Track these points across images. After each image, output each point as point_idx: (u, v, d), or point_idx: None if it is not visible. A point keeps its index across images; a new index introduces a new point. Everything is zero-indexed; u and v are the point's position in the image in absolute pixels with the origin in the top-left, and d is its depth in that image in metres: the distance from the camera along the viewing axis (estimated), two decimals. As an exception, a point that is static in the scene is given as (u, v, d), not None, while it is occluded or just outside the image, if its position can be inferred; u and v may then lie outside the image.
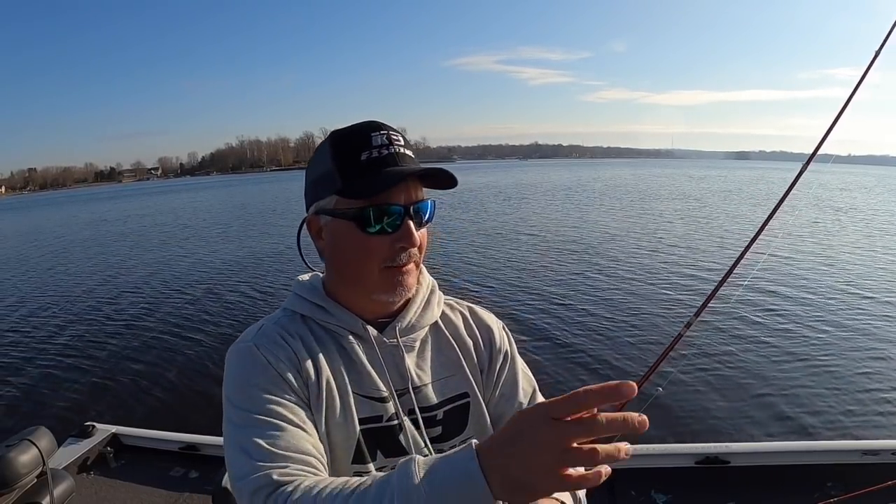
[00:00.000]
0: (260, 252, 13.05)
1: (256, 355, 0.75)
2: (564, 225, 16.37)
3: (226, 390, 0.75)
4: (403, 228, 0.75)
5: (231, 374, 0.76)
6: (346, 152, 0.76)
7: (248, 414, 0.71)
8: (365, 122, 0.78)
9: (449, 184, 0.79)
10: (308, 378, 0.76)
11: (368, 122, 0.78)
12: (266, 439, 0.68)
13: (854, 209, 21.38)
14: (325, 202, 0.78)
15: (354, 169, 0.75)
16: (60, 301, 8.96)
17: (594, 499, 2.50)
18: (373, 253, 0.76)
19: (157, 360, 5.84)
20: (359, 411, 0.78)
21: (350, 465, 0.77)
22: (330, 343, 0.80)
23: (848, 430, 3.97)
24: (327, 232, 0.79)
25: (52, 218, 32.84)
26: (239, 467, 0.67)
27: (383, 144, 0.76)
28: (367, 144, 0.75)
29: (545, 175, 58.76)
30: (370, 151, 0.75)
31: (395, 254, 0.76)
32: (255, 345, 0.76)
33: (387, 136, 0.76)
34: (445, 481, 0.53)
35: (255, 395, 0.72)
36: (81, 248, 16.01)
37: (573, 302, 7.59)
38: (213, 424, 0.93)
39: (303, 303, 0.84)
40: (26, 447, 2.00)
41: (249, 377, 0.74)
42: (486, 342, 0.91)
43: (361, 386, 0.80)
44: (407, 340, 0.84)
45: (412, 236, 0.76)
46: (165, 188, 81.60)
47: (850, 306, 7.14)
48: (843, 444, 2.65)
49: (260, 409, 0.71)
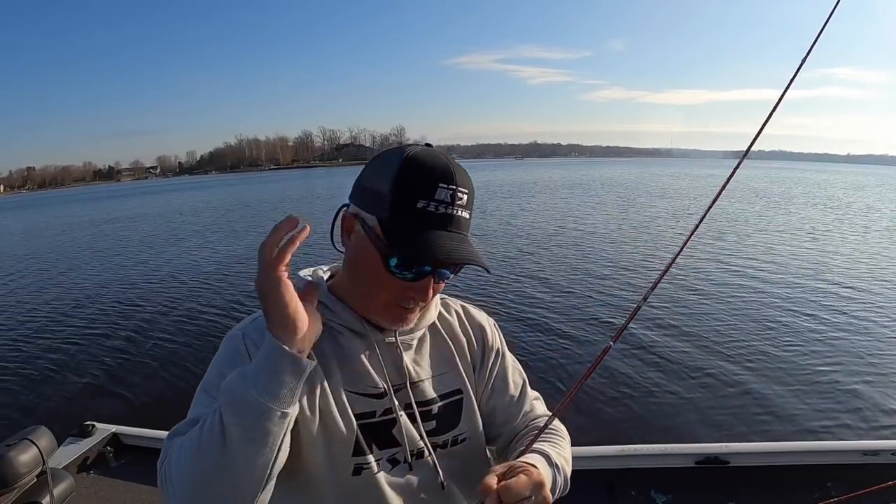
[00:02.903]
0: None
1: (238, 345, 0.77)
2: (551, 222, 16.38)
3: (210, 366, 0.79)
4: (423, 283, 0.77)
5: (216, 355, 0.79)
6: (406, 189, 0.73)
7: (210, 394, 0.73)
8: (441, 167, 0.73)
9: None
10: None
11: (444, 168, 0.73)
12: (198, 408, 0.72)
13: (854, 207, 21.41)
14: (367, 216, 0.76)
15: (406, 210, 0.73)
16: (60, 301, 8.95)
17: (594, 499, 2.50)
18: (386, 289, 0.77)
19: (157, 359, 5.85)
20: (354, 407, 0.80)
21: (350, 457, 0.79)
22: (325, 340, 0.81)
23: (848, 430, 3.98)
24: (356, 238, 0.79)
25: (51, 217, 32.76)
26: (172, 431, 0.73)
27: (445, 202, 0.73)
28: (430, 194, 0.72)
29: (540, 174, 58.76)
30: (428, 203, 0.72)
31: (406, 299, 0.78)
32: (243, 334, 0.78)
33: (451, 195, 0.73)
34: (254, 364, 0.66)
35: (218, 382, 0.74)
36: (81, 248, 15.99)
37: (555, 294, 7.72)
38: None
39: None
40: (26, 446, 2.00)
41: (223, 364, 0.76)
42: (478, 340, 0.95)
43: (357, 383, 0.81)
44: (405, 339, 0.86)
45: (427, 293, 0.78)
46: (164, 187, 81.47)
47: (849, 305, 7.15)
48: (843, 445, 2.66)
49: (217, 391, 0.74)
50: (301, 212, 0.68)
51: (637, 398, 4.43)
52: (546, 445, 0.82)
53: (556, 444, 0.85)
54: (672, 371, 5.00)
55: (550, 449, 0.82)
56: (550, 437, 0.86)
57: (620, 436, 3.65)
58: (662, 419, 4.19)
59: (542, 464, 0.76)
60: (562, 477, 0.80)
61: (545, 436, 0.84)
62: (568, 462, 0.85)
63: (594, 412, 4.17)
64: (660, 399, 4.50)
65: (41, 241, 19.05)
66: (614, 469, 2.44)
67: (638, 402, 4.39)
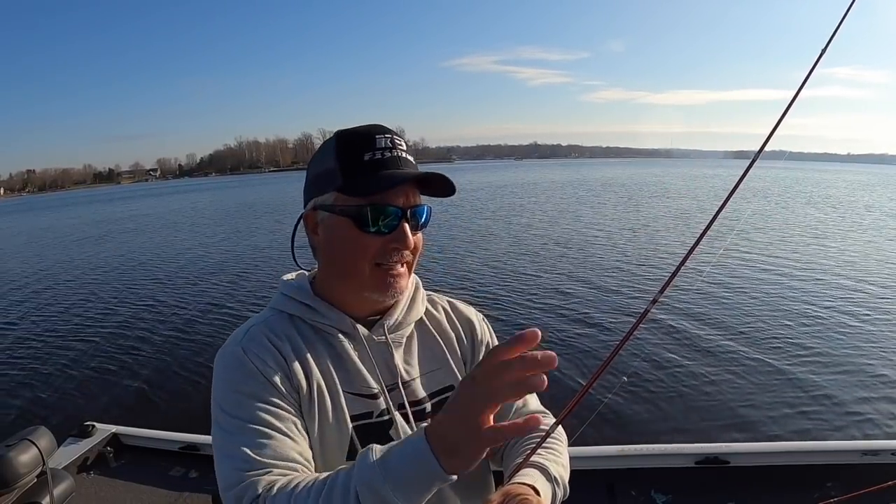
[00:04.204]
0: (259, 251, 13.06)
1: (244, 360, 0.75)
2: (542, 220, 16.38)
3: (215, 394, 0.76)
4: (399, 230, 0.77)
5: (220, 379, 0.76)
6: (349, 151, 0.77)
7: (237, 421, 0.71)
8: (370, 125, 0.80)
9: (447, 192, 0.81)
10: (298, 382, 0.76)
11: (373, 126, 0.79)
12: (253, 448, 0.69)
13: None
14: (325, 198, 0.79)
15: (356, 168, 0.76)
16: (60, 301, 8.96)
17: (594, 499, 2.50)
18: (366, 250, 0.77)
19: (157, 360, 5.84)
20: (350, 409, 0.79)
21: (345, 461, 0.77)
22: (318, 342, 0.81)
23: (848, 431, 3.97)
24: (323, 227, 0.80)
25: (52, 220, 32.77)
26: (226, 477, 0.68)
27: (386, 147, 0.77)
28: (371, 146, 0.77)
29: (541, 174, 58.76)
30: (373, 153, 0.76)
31: (388, 253, 0.78)
32: (243, 349, 0.76)
33: (390, 140, 0.78)
34: (400, 461, 0.57)
35: (244, 401, 0.72)
36: (81, 250, 16.00)
37: (549, 291, 7.80)
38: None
39: (290, 302, 0.84)
40: (26, 447, 2.00)
41: (238, 383, 0.74)
42: (467, 335, 0.94)
43: (351, 384, 0.81)
44: (395, 337, 0.86)
45: (407, 238, 0.77)
46: (164, 190, 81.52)
47: (849, 305, 7.15)
48: (843, 445, 2.65)
49: (248, 416, 0.71)
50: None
51: (637, 398, 4.42)
52: (544, 455, 0.80)
53: (554, 451, 0.83)
54: (672, 371, 4.99)
55: (549, 460, 0.80)
56: (548, 443, 0.84)
57: (620, 436, 3.64)
58: (662, 419, 4.19)
59: (540, 482, 0.75)
60: (561, 489, 0.79)
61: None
62: (567, 469, 0.83)
63: (594, 412, 4.17)
64: (660, 399, 4.49)
65: (41, 243, 19.05)
66: (614, 469, 2.44)
67: (638, 402, 4.38)
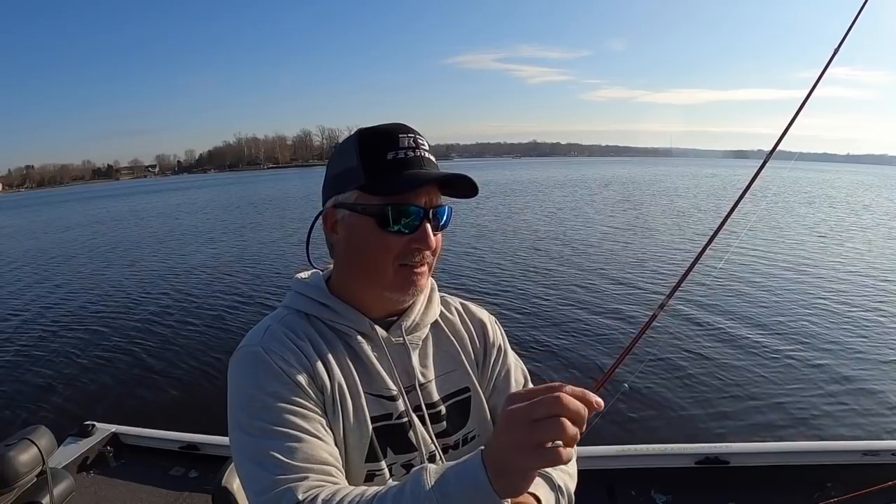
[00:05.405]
0: (259, 249, 13.04)
1: (267, 361, 0.73)
2: (548, 220, 16.37)
3: (234, 398, 0.73)
4: (421, 230, 0.76)
5: (240, 380, 0.74)
6: (372, 150, 0.77)
7: (264, 424, 0.69)
8: (393, 124, 0.79)
9: (469, 193, 0.80)
10: (322, 382, 0.75)
11: (396, 124, 0.79)
12: (284, 452, 0.67)
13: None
14: (346, 196, 0.78)
15: (379, 167, 0.76)
16: (60, 300, 8.93)
17: (594, 499, 2.49)
18: (388, 250, 0.76)
19: (157, 359, 5.83)
20: (370, 410, 0.78)
21: (363, 463, 0.77)
22: (337, 343, 0.80)
23: (848, 431, 3.97)
24: (343, 226, 0.80)
25: (51, 216, 32.72)
26: (257, 482, 0.66)
27: (409, 147, 0.77)
28: (394, 145, 0.76)
29: (540, 173, 58.75)
30: (396, 152, 0.76)
31: (410, 253, 0.77)
32: (264, 349, 0.75)
33: (413, 139, 0.78)
34: (456, 490, 0.55)
35: (269, 403, 0.70)
36: (81, 248, 15.95)
37: (558, 292, 7.79)
38: (214, 424, 0.93)
39: (307, 302, 0.83)
40: (26, 446, 2.00)
41: (262, 384, 0.72)
42: (480, 337, 0.94)
43: (371, 385, 0.80)
44: (412, 339, 0.85)
45: (428, 238, 0.77)
46: (163, 186, 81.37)
47: (848, 304, 7.15)
48: (843, 445, 2.65)
49: (275, 419, 0.69)
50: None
51: (637, 398, 4.42)
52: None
53: None
54: (672, 371, 5.00)
55: (554, 469, 0.78)
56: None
57: (620, 436, 3.64)
58: (662, 419, 4.19)
59: (543, 490, 0.74)
60: (565, 498, 0.78)
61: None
62: (573, 478, 0.83)
63: (595, 412, 4.16)
64: (660, 399, 4.49)
65: (41, 240, 19.00)
66: (614, 469, 2.45)
67: (638, 402, 4.38)
